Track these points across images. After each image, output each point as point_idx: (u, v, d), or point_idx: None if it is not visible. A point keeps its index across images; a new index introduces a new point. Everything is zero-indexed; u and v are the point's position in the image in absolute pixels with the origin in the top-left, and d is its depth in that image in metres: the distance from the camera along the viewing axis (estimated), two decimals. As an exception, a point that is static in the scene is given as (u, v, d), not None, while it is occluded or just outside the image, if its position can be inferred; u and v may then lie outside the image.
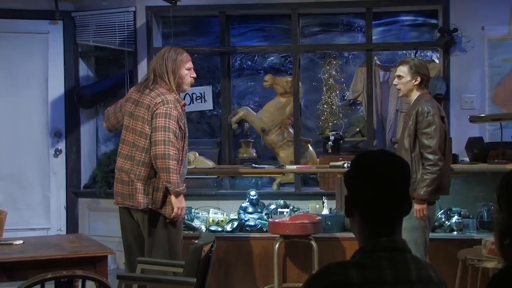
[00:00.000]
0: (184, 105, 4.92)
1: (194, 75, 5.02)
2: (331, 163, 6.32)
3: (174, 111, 4.70)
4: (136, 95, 4.88)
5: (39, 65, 7.69)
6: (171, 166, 4.62)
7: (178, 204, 4.71)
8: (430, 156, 4.81)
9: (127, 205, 4.83)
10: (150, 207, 4.74)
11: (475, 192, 6.34)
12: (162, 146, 4.63)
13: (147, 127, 4.75)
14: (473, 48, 7.01)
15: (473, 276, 5.02)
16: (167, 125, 4.66)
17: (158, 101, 4.73)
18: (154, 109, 4.73)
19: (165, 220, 4.76)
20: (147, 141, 4.73)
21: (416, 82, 5.05)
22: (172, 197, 4.71)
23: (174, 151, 4.65)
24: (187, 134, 4.90)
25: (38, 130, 7.73)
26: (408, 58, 5.45)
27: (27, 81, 7.68)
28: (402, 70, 5.09)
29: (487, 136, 6.83)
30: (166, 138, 4.64)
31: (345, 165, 5.99)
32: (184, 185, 4.77)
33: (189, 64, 4.96)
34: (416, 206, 4.78)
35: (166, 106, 4.70)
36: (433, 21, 7.73)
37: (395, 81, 5.17)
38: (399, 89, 5.17)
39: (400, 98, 7.20)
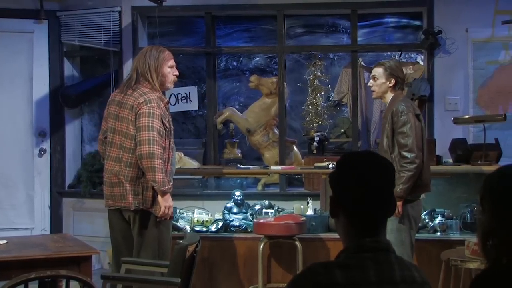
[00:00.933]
0: (168, 103, 4.92)
1: (177, 73, 5.02)
2: (316, 164, 6.33)
3: (157, 110, 4.70)
4: (119, 97, 4.87)
5: (23, 65, 7.66)
6: (156, 165, 4.61)
7: (164, 203, 4.70)
8: (407, 154, 4.85)
9: (119, 206, 4.81)
10: (141, 207, 4.75)
11: (459, 193, 6.38)
12: (147, 146, 4.62)
13: (132, 127, 4.74)
14: (457, 50, 7.06)
15: (456, 276, 5.05)
16: (150, 124, 4.66)
17: (141, 101, 4.73)
18: (138, 109, 4.73)
19: (155, 220, 4.76)
20: (133, 142, 4.72)
21: (390, 84, 5.08)
22: (159, 196, 4.71)
23: (159, 150, 4.65)
24: (172, 132, 4.90)
25: (22, 130, 7.70)
26: (384, 60, 5.48)
27: (12, 80, 7.65)
28: (377, 71, 5.13)
29: (471, 137, 6.87)
30: (151, 138, 4.63)
31: (330, 166, 6.00)
32: (171, 183, 4.77)
33: (171, 62, 4.96)
34: None
35: (149, 105, 4.70)
36: (418, 23, 7.78)
37: (370, 82, 5.21)
38: (373, 91, 5.21)
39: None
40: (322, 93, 7.67)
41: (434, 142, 6.25)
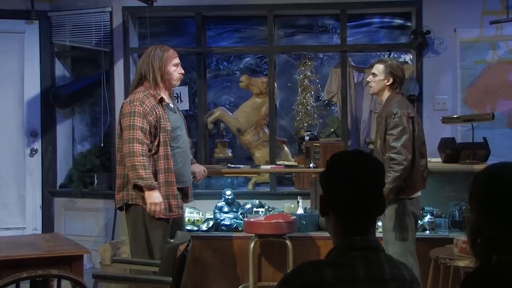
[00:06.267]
0: (162, 100, 4.90)
1: (182, 71, 5.07)
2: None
3: (139, 107, 4.74)
4: None
5: (15, 65, 7.65)
6: (136, 163, 4.65)
7: (150, 199, 4.71)
8: (395, 156, 4.89)
9: None
10: (129, 202, 4.81)
11: (447, 192, 6.42)
12: (127, 145, 4.69)
13: (119, 127, 4.87)
14: (445, 50, 7.10)
15: (445, 274, 5.10)
16: (132, 123, 4.72)
17: (125, 101, 4.87)
18: (122, 109, 4.86)
19: (143, 216, 4.80)
20: (120, 141, 4.84)
21: (388, 83, 5.12)
22: (146, 193, 4.71)
23: (140, 147, 4.67)
24: (168, 128, 4.85)
25: (13, 130, 7.70)
26: (386, 58, 5.53)
27: (3, 81, 7.64)
28: (378, 68, 5.17)
29: (459, 136, 6.91)
30: (131, 136, 4.69)
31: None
32: (156, 182, 4.74)
33: (176, 60, 5.02)
34: None
35: (130, 105, 4.78)
36: (407, 23, 7.81)
37: (369, 77, 5.26)
38: (370, 86, 5.26)
39: (373, 98, 7.30)
40: (312, 92, 7.70)
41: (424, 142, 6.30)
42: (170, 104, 5.02)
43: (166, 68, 4.93)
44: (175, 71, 4.99)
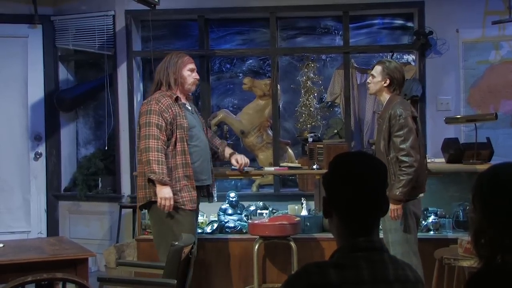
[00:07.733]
0: (177, 98, 5.07)
1: (197, 76, 5.25)
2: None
3: (155, 106, 4.93)
4: None
5: (18, 69, 7.68)
6: (151, 158, 4.81)
7: (161, 194, 4.82)
8: (405, 158, 4.88)
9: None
10: (152, 199, 4.91)
11: (451, 192, 6.41)
12: (143, 141, 4.87)
13: (138, 127, 5.06)
14: (448, 50, 7.11)
15: (450, 275, 5.09)
16: (148, 120, 4.90)
17: (143, 102, 5.08)
18: (140, 109, 5.08)
19: (166, 213, 4.89)
20: (139, 141, 4.99)
21: (385, 84, 5.11)
22: (157, 188, 4.83)
23: (156, 143, 4.83)
24: (185, 125, 5.00)
25: (18, 134, 7.72)
26: (385, 59, 5.53)
27: (7, 85, 7.66)
28: (376, 69, 5.18)
29: (462, 137, 6.91)
30: (147, 133, 4.87)
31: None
32: (168, 178, 4.86)
33: (191, 65, 5.20)
34: (391, 206, 4.84)
35: (147, 104, 4.98)
36: (409, 24, 7.82)
37: (369, 79, 5.27)
38: (369, 87, 5.28)
39: (376, 99, 7.29)
40: (315, 94, 7.69)
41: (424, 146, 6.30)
42: (186, 105, 5.17)
43: (180, 72, 5.11)
44: (190, 75, 5.17)
